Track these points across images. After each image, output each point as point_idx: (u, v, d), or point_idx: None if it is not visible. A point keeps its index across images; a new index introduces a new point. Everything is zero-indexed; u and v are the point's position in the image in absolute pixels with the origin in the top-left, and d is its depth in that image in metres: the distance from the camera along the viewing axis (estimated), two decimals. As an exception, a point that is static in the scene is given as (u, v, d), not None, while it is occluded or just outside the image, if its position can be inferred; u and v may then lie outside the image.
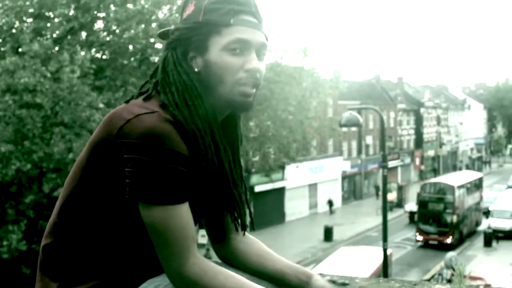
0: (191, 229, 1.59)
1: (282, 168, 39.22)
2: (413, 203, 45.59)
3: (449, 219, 37.94)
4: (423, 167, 75.12)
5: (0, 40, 17.84)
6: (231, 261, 1.87)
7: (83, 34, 18.92)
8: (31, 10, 17.56)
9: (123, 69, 18.99)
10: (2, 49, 17.70)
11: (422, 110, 75.69)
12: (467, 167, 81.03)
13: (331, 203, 49.55)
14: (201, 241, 27.42)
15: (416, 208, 41.28)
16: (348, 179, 56.79)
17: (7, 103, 15.95)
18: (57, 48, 17.75)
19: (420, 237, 38.35)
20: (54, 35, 18.02)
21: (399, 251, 36.22)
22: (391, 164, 55.79)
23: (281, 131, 27.41)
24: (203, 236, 27.55)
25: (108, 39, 18.96)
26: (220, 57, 1.63)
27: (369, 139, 60.93)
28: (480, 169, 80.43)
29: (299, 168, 43.44)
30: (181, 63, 1.67)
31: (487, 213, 44.49)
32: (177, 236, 1.55)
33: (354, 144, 58.39)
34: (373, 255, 24.18)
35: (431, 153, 78.49)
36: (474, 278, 25.03)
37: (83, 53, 17.19)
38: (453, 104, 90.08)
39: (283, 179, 43.68)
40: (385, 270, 16.09)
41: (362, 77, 78.28)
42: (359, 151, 59.18)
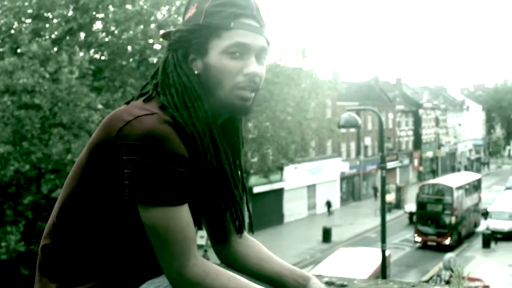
0: (191, 230, 1.59)
1: (280, 169, 39.27)
2: (413, 204, 45.60)
3: (447, 220, 37.94)
4: (421, 168, 75.13)
5: (-2, 40, 17.85)
6: (231, 263, 1.87)
7: (82, 35, 18.91)
8: (29, 10, 17.55)
9: (121, 70, 18.99)
10: (0, 49, 17.70)
11: (420, 111, 75.71)
12: (466, 168, 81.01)
13: (329, 204, 49.55)
14: (199, 242, 27.41)
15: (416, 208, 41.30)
16: (346, 180, 56.79)
17: (5, 104, 15.95)
18: (55, 49, 17.74)
19: (418, 238, 38.35)
20: (52, 36, 18.01)
21: (398, 252, 36.23)
22: (390, 165, 55.78)
23: (280, 132, 27.42)
24: (201, 237, 27.59)
25: (106, 40, 18.96)
26: (219, 60, 1.62)
27: (367, 140, 60.94)
28: (478, 170, 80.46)
29: (298, 169, 43.46)
30: (181, 65, 1.67)
31: (486, 214, 44.49)
32: (177, 237, 1.55)
33: (352, 145, 58.40)
34: (372, 256, 24.20)
35: (430, 154, 78.51)
36: (472, 279, 25.03)
37: (81, 54, 17.19)
38: (452, 105, 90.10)
39: (281, 180, 43.68)
40: (383, 271, 16.11)
41: (360, 78, 78.30)
42: (358, 152, 59.19)
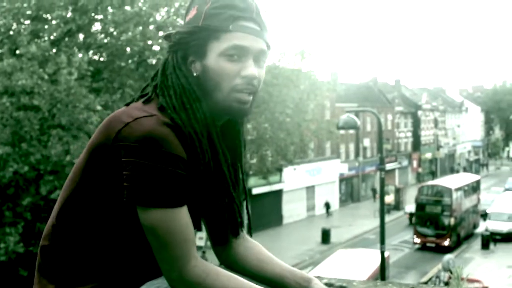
0: (191, 232, 1.60)
1: (279, 170, 39.27)
2: (413, 205, 45.66)
3: (446, 221, 37.95)
4: (420, 170, 75.16)
5: (-3, 42, 17.84)
6: (231, 264, 1.87)
7: (81, 36, 18.90)
8: (28, 12, 17.54)
9: (120, 71, 18.98)
10: (-1, 51, 17.70)
11: (419, 112, 75.74)
12: (465, 170, 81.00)
13: (328, 206, 49.55)
14: (198, 244, 27.42)
15: (416, 209, 41.32)
16: (345, 181, 56.81)
17: (4, 105, 15.94)
18: (54, 50, 17.73)
19: (417, 240, 38.34)
20: (51, 37, 18.01)
21: (397, 253, 36.23)
22: (389, 166, 55.78)
23: (279, 134, 27.44)
24: (200, 238, 27.60)
25: (105, 41, 18.95)
26: (217, 63, 1.63)
27: (366, 142, 60.96)
28: (477, 172, 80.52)
29: (297, 170, 43.39)
30: (180, 67, 1.67)
31: (485, 216, 44.50)
32: (177, 239, 1.56)
33: (351, 146, 58.41)
34: (371, 258, 24.20)
35: (429, 155, 78.52)
36: (471, 280, 25.04)
37: (80, 55, 17.18)
38: (451, 106, 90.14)
39: (280, 181, 43.69)
40: (382, 272, 16.11)
41: (359, 80, 78.27)
42: (357, 154, 59.20)
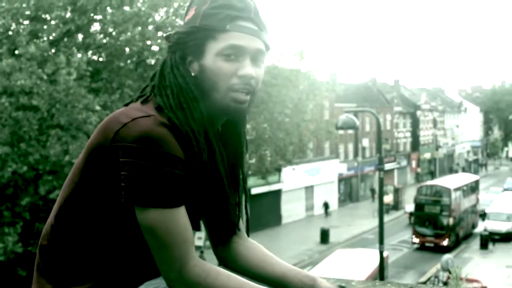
0: (190, 232, 1.59)
1: (278, 170, 39.27)
2: (413, 204, 45.69)
3: (445, 221, 37.98)
4: (419, 170, 75.19)
5: (-4, 42, 17.83)
6: (232, 264, 1.87)
7: (80, 36, 18.90)
8: (27, 12, 17.54)
9: (119, 72, 18.98)
10: (-2, 51, 17.68)
11: (418, 112, 75.79)
12: (464, 170, 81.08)
13: (326, 206, 49.56)
14: (197, 243, 27.42)
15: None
16: (344, 181, 56.83)
17: (3, 105, 15.94)
18: (53, 50, 17.74)
19: (416, 240, 38.37)
20: (50, 37, 18.01)
21: (396, 253, 36.24)
22: (388, 166, 55.73)
23: (278, 134, 27.44)
24: (199, 238, 27.59)
25: (104, 41, 18.95)
26: (214, 62, 1.63)
27: (365, 142, 60.98)
28: (476, 172, 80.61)
29: (296, 170, 43.41)
30: (178, 67, 1.67)
31: (484, 216, 44.57)
32: (176, 239, 1.56)
33: (350, 146, 58.42)
34: (370, 258, 24.21)
35: (428, 155, 78.57)
36: (470, 280, 25.06)
37: (79, 56, 17.18)
38: (450, 106, 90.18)
39: (279, 181, 43.70)
40: (381, 272, 16.12)
41: (358, 80, 78.28)
42: (356, 154, 59.22)
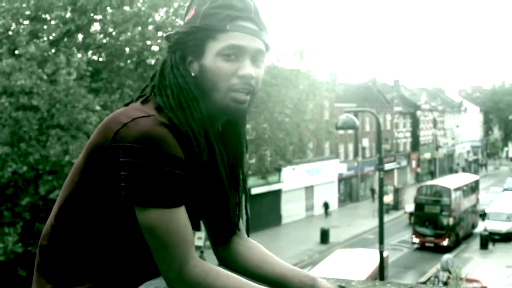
0: (190, 232, 1.59)
1: (278, 170, 39.27)
2: (413, 204, 45.71)
3: (445, 221, 37.99)
4: (419, 170, 75.20)
5: (-4, 42, 17.83)
6: (232, 264, 1.87)
7: (80, 36, 18.90)
8: (27, 12, 17.54)
9: (119, 72, 18.98)
10: (-1, 51, 17.68)
11: (418, 112, 75.80)
12: (464, 170, 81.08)
13: (326, 206, 49.56)
14: (197, 243, 27.42)
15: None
16: (344, 181, 56.83)
17: (3, 105, 15.94)
18: (53, 50, 17.74)
19: (416, 240, 38.37)
20: (50, 37, 18.01)
21: (396, 253, 36.24)
22: (388, 166, 55.71)
23: (278, 134, 27.44)
24: (199, 238, 27.59)
25: (104, 41, 18.95)
26: (214, 62, 1.62)
27: (365, 142, 60.98)
28: (476, 172, 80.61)
29: (296, 170, 43.40)
30: (178, 67, 1.67)
31: (484, 216, 44.57)
32: (176, 239, 1.55)
33: (350, 146, 58.42)
34: (370, 258, 24.21)
35: (428, 155, 78.58)
36: (470, 280, 25.06)
37: (79, 56, 17.18)
38: (450, 106, 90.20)
39: (279, 181, 43.70)
40: (381, 272, 16.12)
41: (358, 80, 78.31)
42: (356, 154, 59.22)
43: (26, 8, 17.36)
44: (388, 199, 49.70)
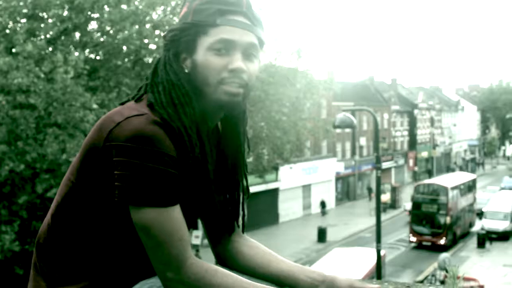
0: (185, 230, 1.59)
1: (275, 169, 39.25)
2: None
3: (442, 220, 38.02)
4: (416, 169, 75.26)
5: (-7, 40, 17.79)
6: (232, 263, 1.86)
7: (77, 34, 18.86)
8: (24, 10, 17.50)
9: (117, 70, 18.95)
10: (-5, 49, 17.65)
11: (415, 111, 75.84)
12: (461, 169, 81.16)
13: (323, 205, 49.58)
14: (194, 242, 27.40)
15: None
16: (341, 180, 56.86)
17: (0, 104, 15.91)
18: (50, 48, 17.70)
19: (413, 238, 38.41)
20: (47, 36, 17.97)
21: (393, 252, 36.27)
22: (385, 165, 55.86)
23: (275, 132, 27.40)
24: (196, 237, 27.58)
25: (102, 40, 18.92)
26: (204, 57, 1.62)
27: (362, 141, 61.01)
28: (473, 171, 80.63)
29: (293, 169, 43.45)
30: (171, 63, 1.67)
31: (481, 215, 44.62)
32: (172, 238, 1.55)
33: (348, 145, 58.44)
34: (367, 256, 24.23)
35: (425, 154, 78.65)
36: (467, 279, 25.10)
37: (76, 54, 17.14)
38: (447, 105, 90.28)
39: (276, 180, 43.70)
40: (378, 271, 16.11)
41: (356, 79, 78.29)
42: (353, 152, 59.24)
43: (23, 6, 17.32)
44: (385, 197, 49.74)
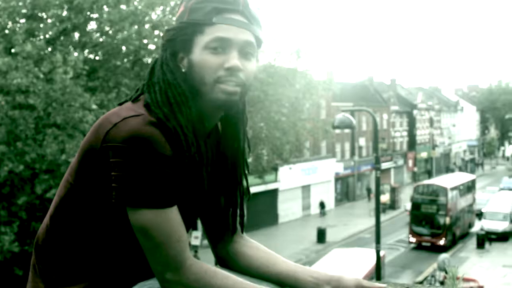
0: (183, 231, 1.58)
1: (275, 169, 39.26)
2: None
3: (442, 221, 38.03)
4: (416, 169, 75.27)
5: (-8, 40, 17.78)
6: (233, 264, 1.85)
7: (76, 35, 18.86)
8: (24, 10, 17.50)
9: (116, 70, 18.95)
10: (-5, 49, 17.64)
11: (415, 112, 75.86)
12: (460, 169, 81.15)
13: (322, 205, 49.59)
14: (193, 243, 27.37)
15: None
16: (341, 180, 56.86)
17: (-1, 104, 15.91)
18: (50, 49, 17.69)
19: (413, 239, 38.42)
20: (47, 36, 17.96)
21: (392, 252, 36.28)
22: (384, 166, 55.85)
23: (274, 133, 27.40)
24: (196, 237, 27.55)
25: (101, 40, 18.92)
26: (201, 56, 1.61)
27: (362, 141, 61.01)
28: (472, 171, 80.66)
29: (292, 169, 43.46)
30: (168, 63, 1.66)
31: (480, 215, 44.63)
32: (170, 239, 1.54)
33: (347, 145, 58.45)
34: (366, 257, 24.23)
35: (424, 155, 78.66)
36: (467, 280, 25.11)
37: (76, 54, 17.14)
38: (446, 106, 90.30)
39: (276, 180, 43.70)
40: (378, 272, 16.11)
41: (355, 79, 78.29)
42: (352, 153, 59.24)
43: (22, 6, 17.32)
44: (384, 198, 49.76)
